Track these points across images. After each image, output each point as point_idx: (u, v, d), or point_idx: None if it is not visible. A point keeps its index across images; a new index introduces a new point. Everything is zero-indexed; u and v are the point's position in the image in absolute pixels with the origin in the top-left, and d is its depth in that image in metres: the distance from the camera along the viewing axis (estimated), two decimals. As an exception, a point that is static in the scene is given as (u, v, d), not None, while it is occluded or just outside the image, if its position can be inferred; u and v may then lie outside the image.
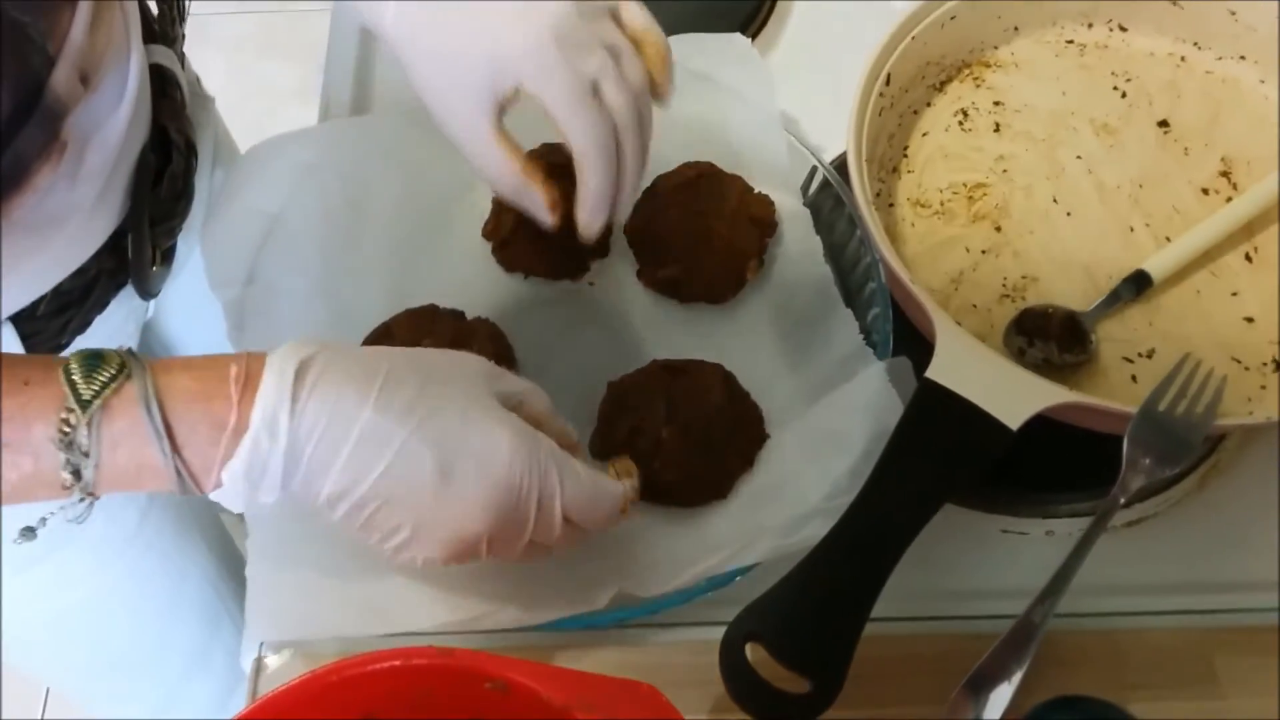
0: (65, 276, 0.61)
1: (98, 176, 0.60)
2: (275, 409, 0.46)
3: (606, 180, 0.59)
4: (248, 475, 0.47)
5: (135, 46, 0.63)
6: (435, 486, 0.49)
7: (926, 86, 0.76)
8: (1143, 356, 0.64)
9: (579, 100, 0.56)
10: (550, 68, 0.55)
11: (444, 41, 0.57)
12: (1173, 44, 0.77)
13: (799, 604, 0.51)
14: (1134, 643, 0.59)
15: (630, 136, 0.59)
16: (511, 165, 0.58)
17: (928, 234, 0.70)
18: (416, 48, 0.58)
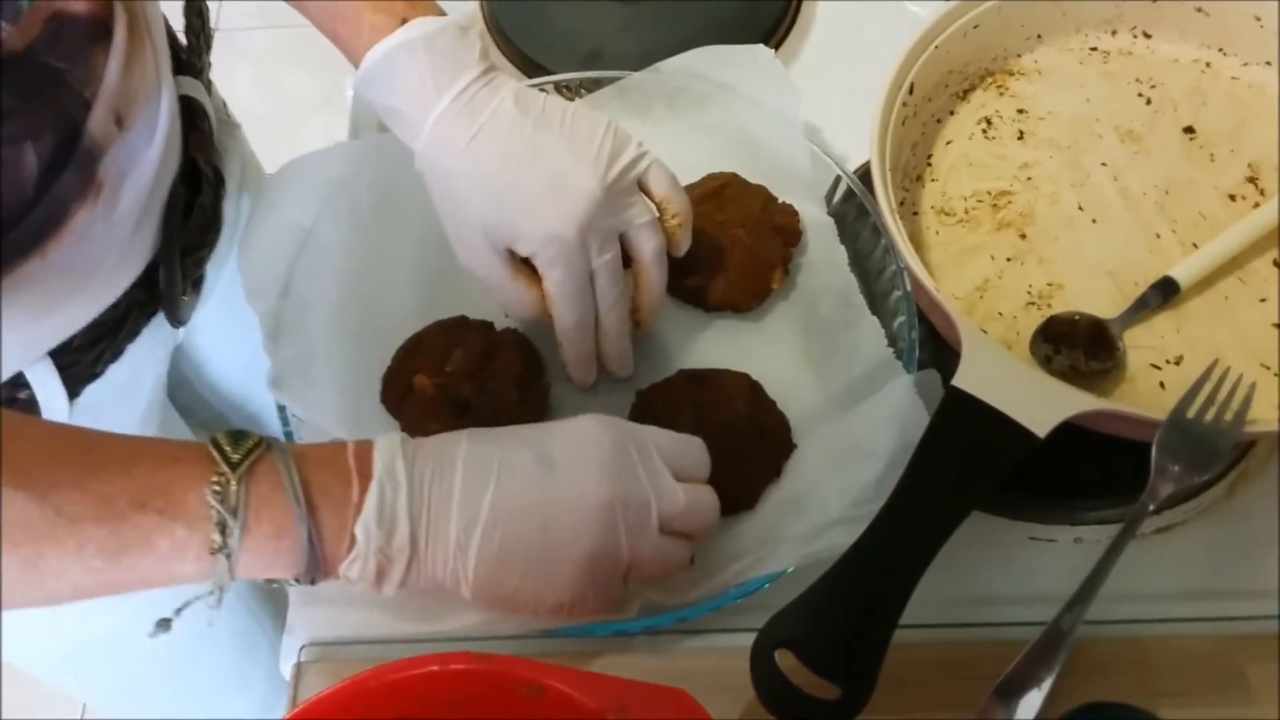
0: (101, 311, 0.62)
1: (132, 214, 0.61)
2: (392, 459, 0.50)
3: (583, 353, 0.64)
4: (380, 523, 0.49)
5: (166, 81, 0.64)
6: (542, 474, 0.52)
7: (950, 95, 0.76)
8: (1170, 363, 0.64)
9: (575, 292, 0.60)
10: (565, 258, 0.59)
11: (470, 196, 0.59)
12: (1197, 50, 0.77)
13: (828, 611, 0.52)
14: (1163, 649, 0.59)
15: (614, 316, 0.63)
16: (530, 297, 0.62)
17: (952, 242, 0.71)
18: (442, 183, 0.61)
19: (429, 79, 0.58)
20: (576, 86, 0.77)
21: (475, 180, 0.59)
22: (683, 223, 0.63)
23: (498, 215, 0.59)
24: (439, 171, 0.60)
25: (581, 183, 0.58)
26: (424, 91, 0.59)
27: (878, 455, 0.60)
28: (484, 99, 0.59)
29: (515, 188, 0.58)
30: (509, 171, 0.58)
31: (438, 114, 0.58)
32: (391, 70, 0.59)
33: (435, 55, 0.58)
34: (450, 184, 0.60)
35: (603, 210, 0.59)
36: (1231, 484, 0.66)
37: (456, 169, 0.59)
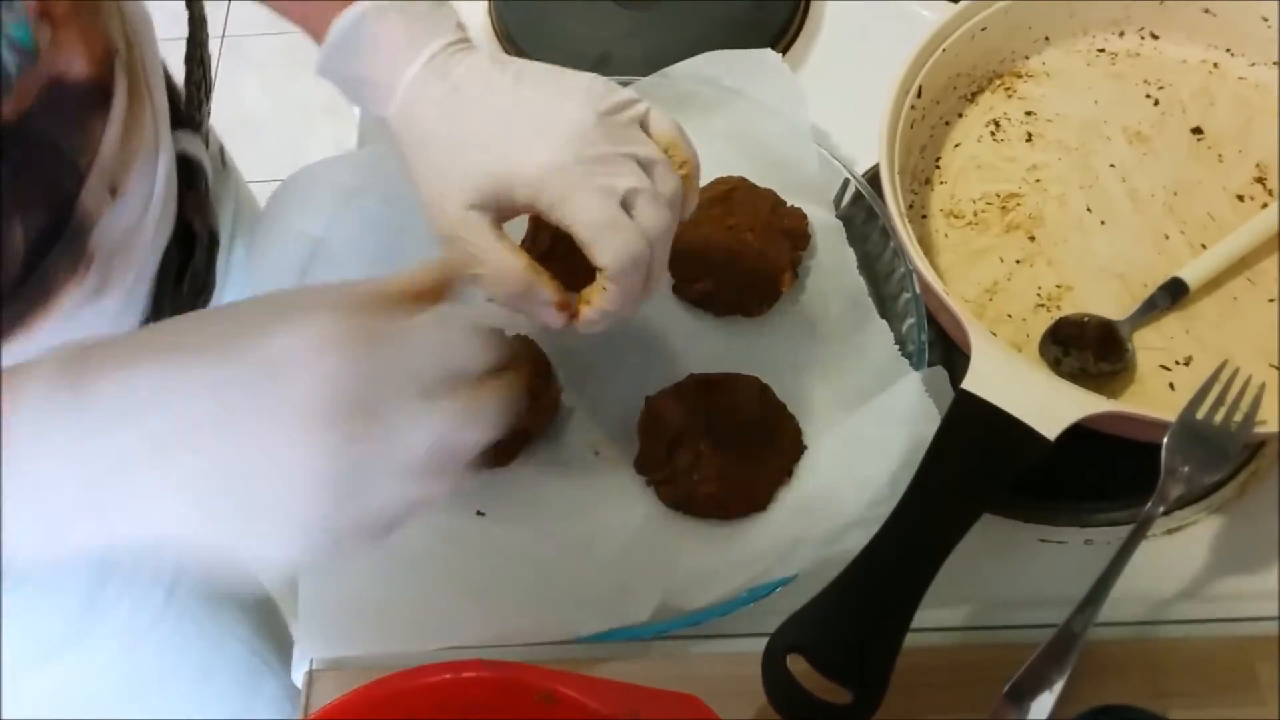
0: None
1: (123, 284, 0.58)
2: None
3: (633, 300, 0.55)
4: None
5: (164, 143, 0.61)
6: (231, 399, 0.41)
7: (958, 98, 0.76)
8: (1180, 364, 0.64)
9: (609, 222, 0.52)
10: (572, 186, 0.52)
11: (449, 154, 0.54)
12: (1205, 51, 0.77)
13: (840, 615, 0.52)
14: (1174, 650, 0.59)
15: (662, 249, 0.55)
16: (514, 264, 0.54)
17: (961, 244, 0.71)
18: (418, 145, 0.55)
19: (402, 41, 0.54)
20: (585, 92, 0.77)
21: (455, 133, 0.54)
22: (690, 173, 0.56)
23: (484, 165, 0.53)
24: (414, 133, 0.55)
25: (572, 111, 0.53)
26: (396, 54, 0.55)
27: (889, 456, 0.60)
28: (460, 59, 0.55)
29: (498, 130, 0.53)
30: (491, 120, 0.53)
31: (412, 74, 0.54)
32: (361, 35, 0.54)
33: (409, 19, 0.55)
34: (427, 143, 0.55)
35: (601, 139, 0.52)
36: (1242, 485, 0.66)
37: (433, 126, 0.54)
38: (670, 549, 0.62)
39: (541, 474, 0.65)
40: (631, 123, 0.55)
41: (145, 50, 0.62)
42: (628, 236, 0.52)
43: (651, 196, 0.53)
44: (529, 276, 0.54)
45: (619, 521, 0.63)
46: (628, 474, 0.65)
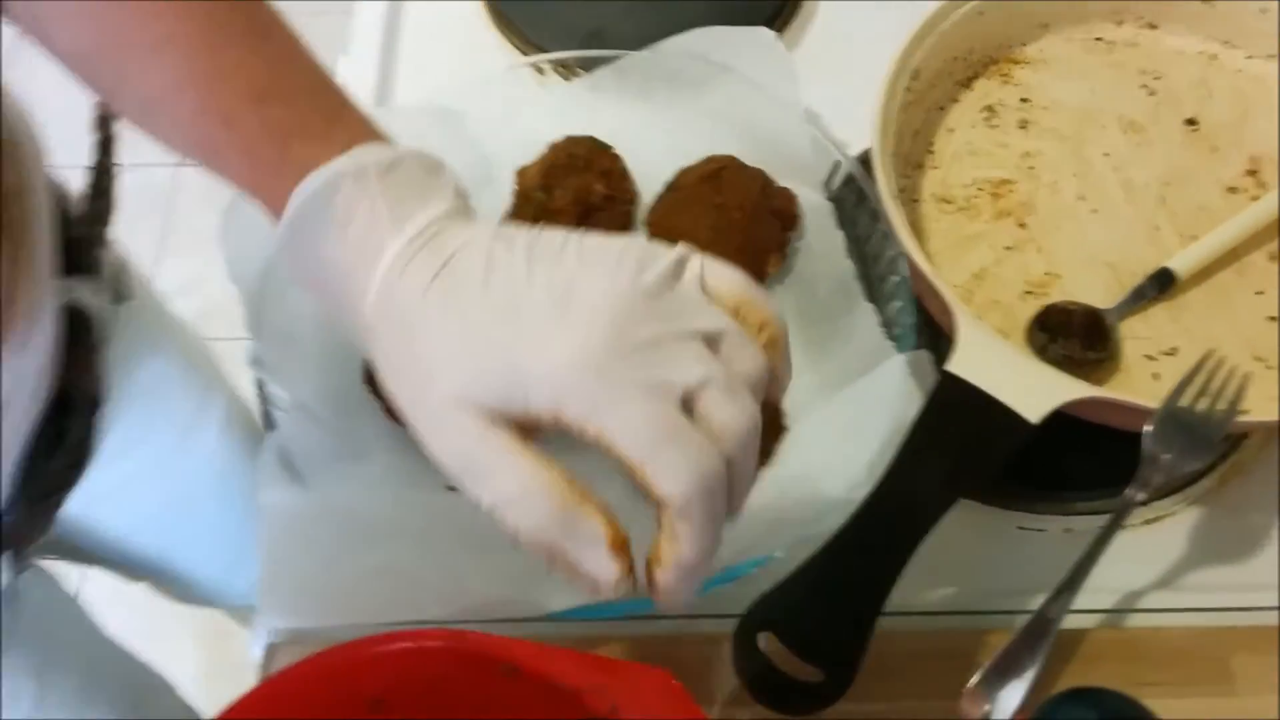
0: None
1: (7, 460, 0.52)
2: None
3: (709, 538, 0.41)
4: None
5: (47, 299, 0.54)
6: None
7: (953, 82, 0.76)
8: (1165, 354, 0.64)
9: (669, 434, 0.38)
10: (608, 392, 0.38)
11: (441, 342, 0.41)
12: (1203, 42, 0.76)
13: (813, 594, 0.51)
14: (1150, 640, 0.59)
15: (746, 460, 0.41)
16: (540, 483, 0.40)
17: (951, 230, 0.70)
18: (400, 343, 0.42)
19: (383, 212, 0.41)
20: (573, 65, 0.76)
21: (447, 323, 0.40)
22: (775, 337, 0.43)
23: (486, 362, 0.40)
24: (395, 328, 0.41)
25: (601, 283, 0.40)
26: (375, 227, 0.41)
27: (872, 437, 0.59)
28: (454, 232, 0.42)
29: (508, 321, 0.40)
30: (496, 305, 0.40)
31: (393, 254, 0.41)
32: (330, 206, 0.41)
33: (391, 185, 0.42)
34: (412, 341, 0.41)
35: (646, 316, 0.39)
36: (1222, 476, 0.66)
37: (419, 317, 0.41)
38: (646, 528, 0.61)
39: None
40: (690, 290, 0.41)
41: (29, 196, 0.53)
42: (697, 452, 0.38)
43: (724, 386, 0.39)
44: (566, 503, 0.39)
45: (595, 497, 0.62)
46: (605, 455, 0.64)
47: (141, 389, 0.71)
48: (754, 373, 0.41)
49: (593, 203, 0.70)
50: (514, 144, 0.73)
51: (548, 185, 0.69)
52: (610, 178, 0.71)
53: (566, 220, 0.68)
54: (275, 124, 0.43)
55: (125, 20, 0.44)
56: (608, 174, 0.71)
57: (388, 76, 0.84)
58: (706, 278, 0.42)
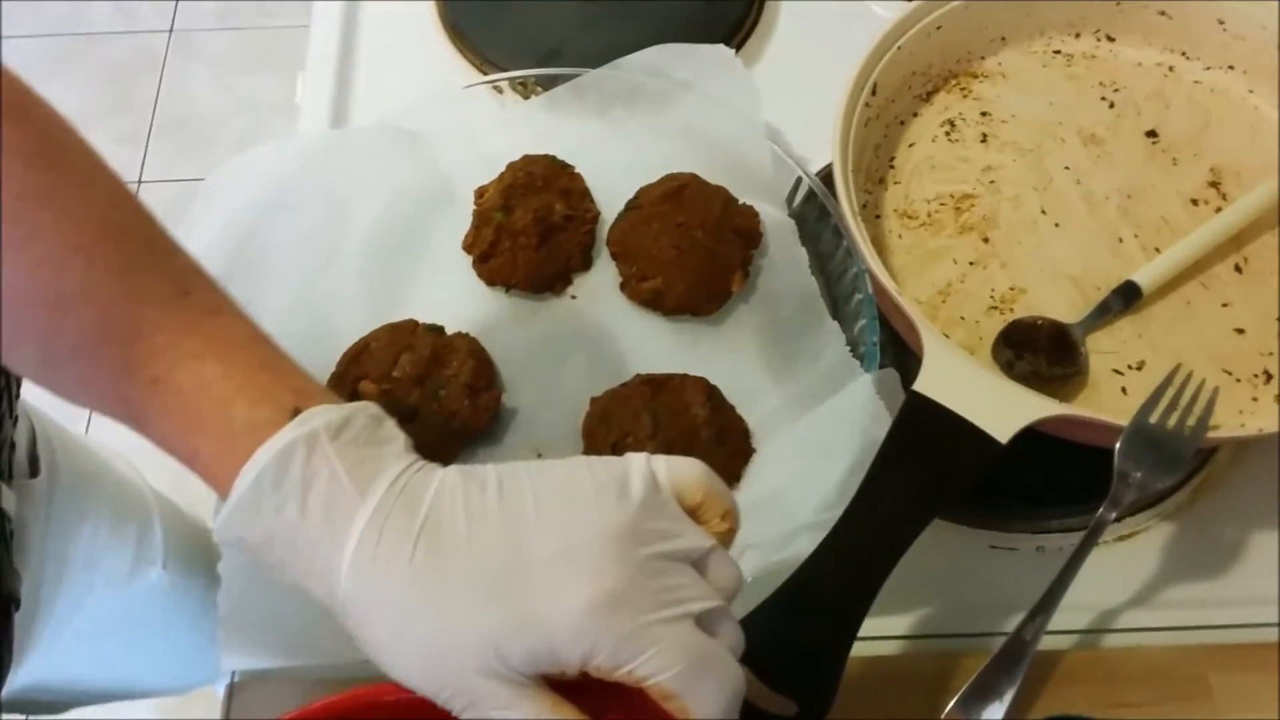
0: None
1: None
2: None
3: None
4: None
5: None
6: None
7: (913, 97, 0.75)
8: (1133, 369, 0.64)
9: (703, 661, 0.38)
10: (640, 630, 0.38)
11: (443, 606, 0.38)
12: (1160, 54, 0.76)
13: (785, 623, 0.50)
14: (1126, 659, 0.58)
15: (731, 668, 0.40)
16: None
17: (915, 245, 0.70)
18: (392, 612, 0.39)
19: (344, 477, 0.39)
20: (532, 84, 0.75)
21: (442, 588, 0.38)
22: (734, 527, 0.43)
23: (500, 623, 0.38)
24: (383, 606, 0.39)
25: (606, 516, 0.39)
26: (339, 495, 0.39)
27: (839, 458, 0.59)
28: (420, 484, 0.40)
29: (512, 573, 0.38)
30: (493, 559, 0.39)
31: (364, 521, 0.39)
32: (286, 478, 0.39)
33: (347, 447, 0.40)
34: (405, 611, 0.39)
35: (643, 548, 0.39)
36: (1193, 491, 0.66)
37: (406, 583, 0.38)
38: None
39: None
40: (666, 502, 0.41)
41: None
42: (723, 674, 0.39)
43: (724, 610, 0.40)
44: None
45: (561, 526, 0.61)
46: (571, 477, 0.63)
47: (76, 557, 0.71)
48: (735, 588, 0.41)
49: (553, 222, 0.69)
50: (473, 164, 0.72)
51: (507, 205, 0.68)
52: (570, 197, 0.70)
53: (527, 240, 0.67)
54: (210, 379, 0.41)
55: None
56: (567, 193, 0.70)
57: (344, 96, 0.83)
58: (674, 480, 0.41)
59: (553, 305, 0.70)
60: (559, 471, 0.41)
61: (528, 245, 0.67)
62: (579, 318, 0.69)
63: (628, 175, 0.72)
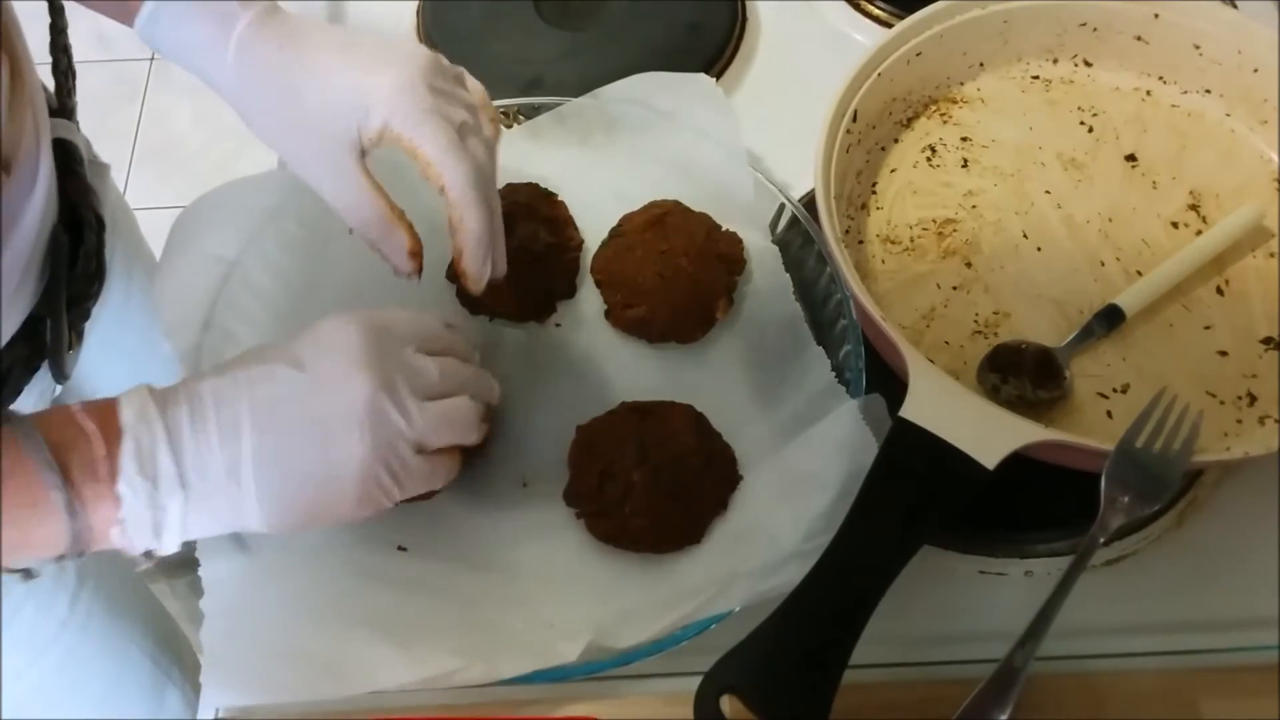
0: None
1: (18, 266, 0.59)
2: (142, 405, 0.48)
3: (486, 223, 0.58)
4: (142, 473, 0.47)
5: (44, 123, 0.62)
6: (298, 378, 0.50)
7: (893, 123, 0.76)
8: (1117, 392, 0.64)
9: (454, 143, 0.56)
10: (423, 109, 0.55)
11: (303, 81, 0.55)
12: (1138, 78, 0.77)
13: (775, 653, 0.50)
14: (1117, 686, 0.58)
15: (492, 189, 0.59)
16: (378, 205, 0.58)
17: (898, 270, 0.70)
18: (267, 90, 0.56)
19: (223, 7, 0.56)
20: (514, 113, 0.75)
21: (302, 68, 0.55)
22: (497, 132, 0.62)
23: (337, 91, 0.55)
24: (258, 79, 0.56)
25: (410, 47, 0.57)
26: (222, 18, 0.56)
27: (827, 485, 0.58)
28: (284, 14, 0.57)
29: (348, 60, 0.55)
30: (336, 50, 0.56)
31: (245, 22, 0.55)
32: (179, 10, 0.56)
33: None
34: (275, 85, 0.56)
35: (440, 73, 0.57)
36: (1181, 514, 0.66)
37: (278, 65, 0.55)
38: (600, 585, 0.59)
39: (466, 507, 0.62)
40: (458, 74, 0.59)
41: (16, 34, 0.61)
42: (471, 161, 0.56)
43: (479, 134, 0.58)
44: (390, 219, 0.58)
45: (547, 556, 0.61)
46: (557, 506, 0.62)
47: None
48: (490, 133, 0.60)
49: (537, 250, 0.69)
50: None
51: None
52: (554, 225, 0.70)
53: (513, 270, 0.67)
54: None
55: None
56: (551, 221, 0.70)
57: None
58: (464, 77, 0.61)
59: (537, 333, 0.70)
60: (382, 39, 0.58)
61: (512, 274, 0.67)
62: (564, 346, 0.69)
63: (611, 203, 0.72)
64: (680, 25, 0.88)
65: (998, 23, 0.75)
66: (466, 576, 0.59)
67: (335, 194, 0.58)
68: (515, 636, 0.56)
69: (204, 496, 0.48)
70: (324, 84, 0.55)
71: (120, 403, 0.48)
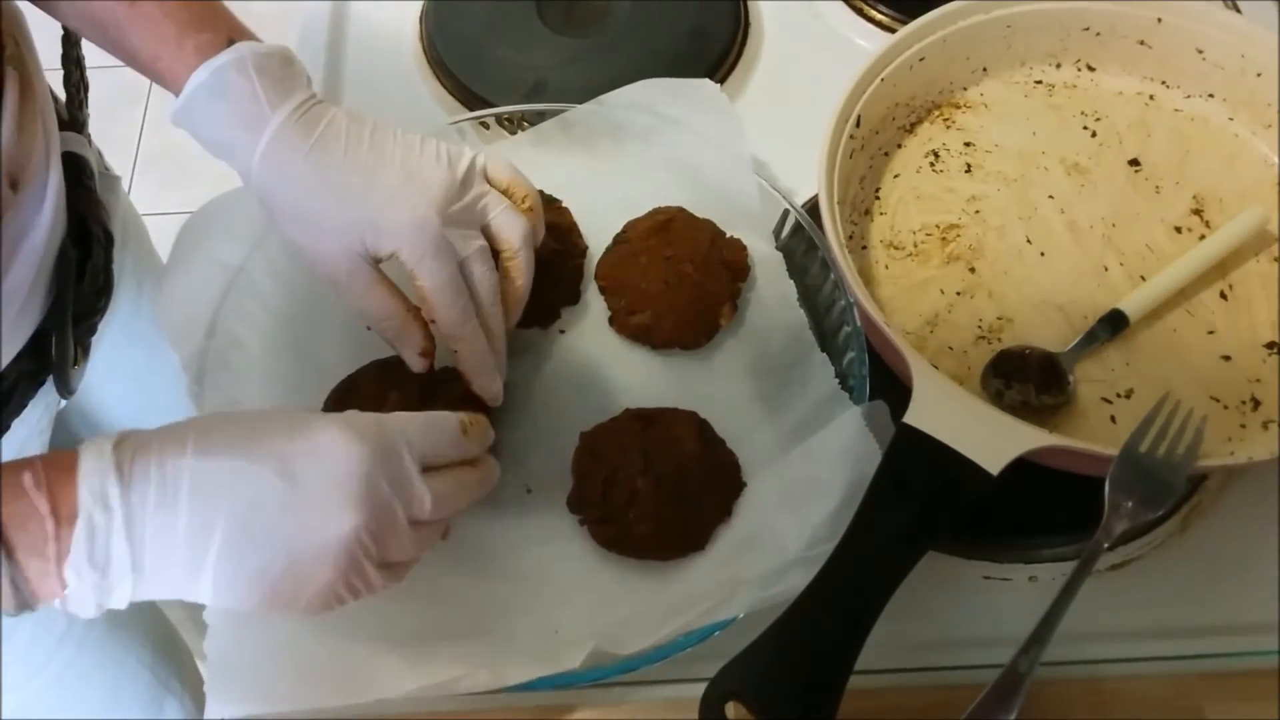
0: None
1: (24, 282, 0.58)
2: (102, 483, 0.44)
3: (480, 353, 0.61)
4: (92, 562, 0.44)
5: (53, 138, 0.62)
6: (284, 494, 0.46)
7: (897, 128, 0.76)
8: (1121, 397, 0.64)
9: (451, 282, 0.58)
10: (431, 246, 0.57)
11: (322, 200, 0.57)
12: (1141, 83, 0.77)
13: (780, 659, 0.50)
14: (1122, 691, 0.58)
15: (493, 311, 0.61)
16: (395, 307, 0.60)
17: (902, 276, 0.70)
18: (287, 198, 0.58)
19: (262, 96, 0.57)
20: (519, 119, 0.75)
21: (323, 184, 0.57)
22: (533, 206, 0.63)
23: (354, 213, 0.57)
24: (280, 185, 0.57)
25: (433, 173, 0.58)
26: (258, 109, 0.57)
27: (830, 492, 0.58)
28: (319, 113, 0.58)
29: (367, 184, 0.57)
30: (357, 171, 0.57)
31: (275, 128, 0.57)
32: (223, 90, 0.57)
33: (266, 76, 0.57)
34: (295, 194, 0.57)
35: (458, 196, 0.59)
36: (1185, 518, 0.66)
37: (300, 177, 0.57)
38: (604, 591, 0.59)
39: (470, 514, 0.62)
40: (480, 178, 0.61)
41: (27, 49, 0.61)
42: (462, 299, 0.59)
43: (485, 261, 0.60)
44: (405, 321, 0.60)
45: (550, 563, 0.61)
46: (560, 513, 0.62)
47: None
48: (520, 234, 0.61)
49: (542, 257, 0.69)
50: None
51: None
52: (558, 231, 0.70)
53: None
54: (172, 9, 0.58)
55: None
56: (555, 227, 0.70)
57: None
58: (488, 169, 0.62)
59: (541, 339, 0.70)
60: (415, 136, 0.60)
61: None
62: (568, 352, 0.69)
63: (615, 209, 0.72)
64: (683, 31, 0.88)
65: (1001, 27, 0.75)
66: (470, 583, 0.59)
67: (350, 297, 0.59)
68: (519, 643, 0.56)
69: (155, 581, 0.45)
70: (341, 209, 0.57)
71: (79, 475, 0.44)
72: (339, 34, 0.90)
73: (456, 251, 0.58)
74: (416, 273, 0.58)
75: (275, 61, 0.58)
